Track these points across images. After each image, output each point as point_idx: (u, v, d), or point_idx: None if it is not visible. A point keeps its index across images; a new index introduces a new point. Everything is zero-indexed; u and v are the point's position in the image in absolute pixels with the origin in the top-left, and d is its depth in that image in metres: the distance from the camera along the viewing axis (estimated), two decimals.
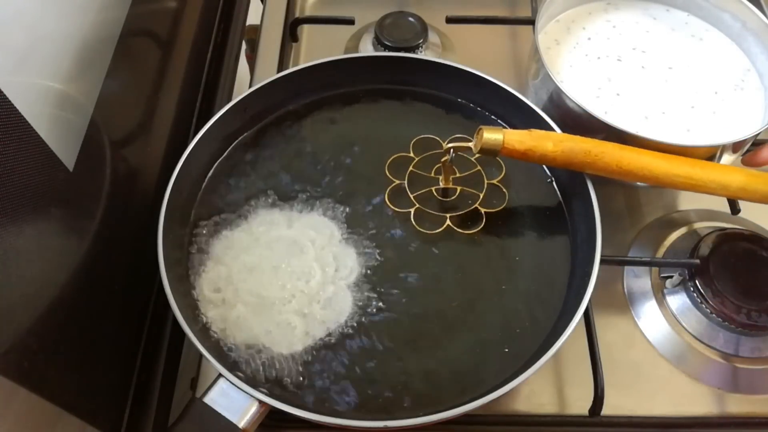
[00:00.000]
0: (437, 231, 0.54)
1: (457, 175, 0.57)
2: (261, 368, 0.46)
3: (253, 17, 0.78)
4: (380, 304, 0.50)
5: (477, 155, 0.51)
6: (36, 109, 0.38)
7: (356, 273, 0.50)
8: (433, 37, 0.71)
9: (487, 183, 0.56)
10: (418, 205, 0.55)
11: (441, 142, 0.58)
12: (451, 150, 0.52)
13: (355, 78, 0.61)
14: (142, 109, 0.56)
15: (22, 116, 0.36)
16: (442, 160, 0.54)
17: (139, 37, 0.55)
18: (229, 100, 0.57)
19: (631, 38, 0.62)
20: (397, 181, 0.56)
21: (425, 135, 0.59)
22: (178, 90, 0.63)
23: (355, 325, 0.49)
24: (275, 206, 0.54)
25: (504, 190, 0.56)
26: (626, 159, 0.50)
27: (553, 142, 0.50)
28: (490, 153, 0.50)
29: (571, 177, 0.54)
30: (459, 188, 0.56)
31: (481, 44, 0.75)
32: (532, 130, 0.51)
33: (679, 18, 0.64)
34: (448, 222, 0.54)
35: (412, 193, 0.55)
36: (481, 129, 0.49)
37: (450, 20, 0.71)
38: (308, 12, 0.79)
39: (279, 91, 0.59)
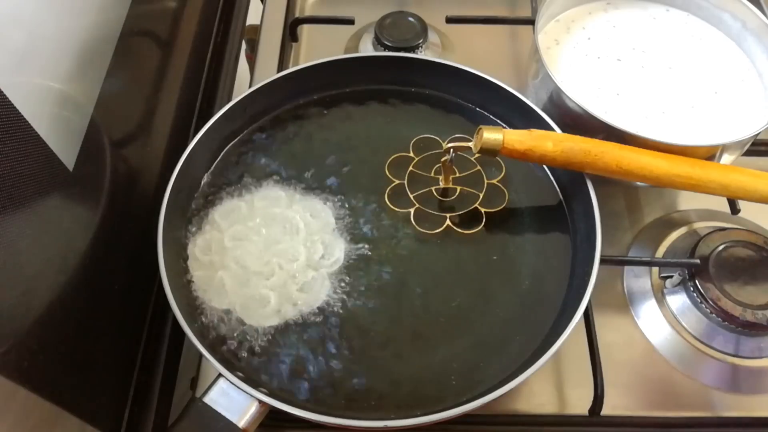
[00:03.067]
0: (437, 231, 0.54)
1: (457, 175, 0.57)
2: (226, 334, 0.48)
3: (253, 17, 0.78)
4: (357, 300, 0.50)
5: (477, 155, 0.51)
6: (36, 109, 0.38)
7: (341, 264, 0.51)
8: (433, 37, 0.71)
9: (487, 183, 0.56)
10: (418, 205, 0.55)
11: (441, 142, 0.58)
12: (451, 150, 0.52)
13: (355, 78, 0.61)
14: (142, 109, 0.56)
15: (22, 116, 0.36)
16: (442, 160, 0.54)
17: (139, 37, 0.55)
18: (229, 100, 0.57)
19: (631, 38, 0.62)
20: (397, 181, 0.56)
21: (425, 135, 0.59)
22: (178, 90, 0.63)
23: (327, 311, 0.49)
24: (280, 186, 0.55)
25: (504, 189, 0.56)
26: (626, 159, 0.50)
27: (552, 141, 0.50)
28: (489, 153, 0.50)
29: (571, 177, 0.54)
30: (459, 188, 0.56)
31: (481, 44, 0.75)
32: (532, 129, 0.51)
33: (679, 18, 0.64)
34: (447, 222, 0.54)
35: (412, 193, 0.55)
36: (480, 129, 0.50)
37: (450, 20, 0.71)
38: (308, 12, 0.79)
39: (279, 91, 0.59)
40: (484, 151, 0.50)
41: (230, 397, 0.43)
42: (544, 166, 0.57)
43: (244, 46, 0.79)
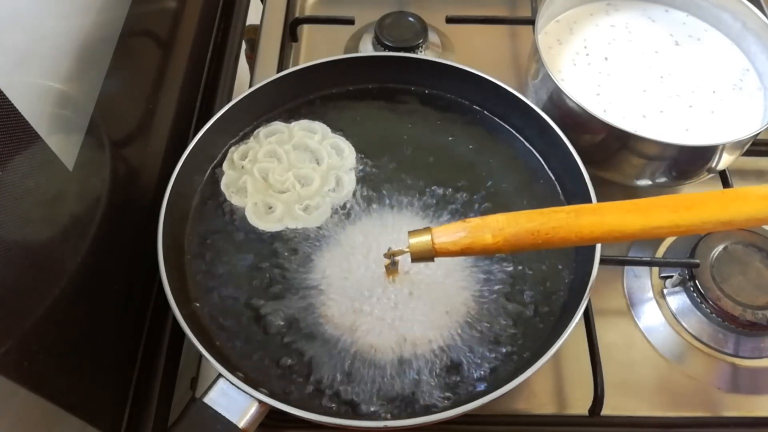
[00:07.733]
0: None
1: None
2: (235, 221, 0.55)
3: (253, 17, 0.78)
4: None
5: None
6: (36, 109, 0.38)
7: (348, 200, 0.56)
8: (433, 37, 0.71)
9: None
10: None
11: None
12: (392, 257, 0.48)
13: (355, 78, 0.61)
14: (142, 109, 0.56)
15: (22, 116, 0.36)
16: (385, 264, 0.50)
17: (139, 37, 0.55)
18: (229, 100, 0.57)
19: (631, 38, 0.62)
20: None
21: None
22: (178, 90, 0.63)
23: (320, 236, 0.54)
24: (318, 121, 0.60)
25: None
26: (587, 228, 0.41)
27: (492, 232, 0.41)
28: (424, 257, 0.43)
29: (572, 177, 0.54)
30: None
31: (481, 44, 0.75)
32: (467, 219, 0.43)
33: (678, 18, 0.64)
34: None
35: None
36: (409, 233, 0.43)
37: (450, 20, 0.71)
38: (308, 12, 0.79)
39: (279, 91, 0.59)
40: (418, 257, 0.43)
41: (230, 398, 0.43)
42: (545, 166, 0.57)
43: (244, 46, 0.79)
